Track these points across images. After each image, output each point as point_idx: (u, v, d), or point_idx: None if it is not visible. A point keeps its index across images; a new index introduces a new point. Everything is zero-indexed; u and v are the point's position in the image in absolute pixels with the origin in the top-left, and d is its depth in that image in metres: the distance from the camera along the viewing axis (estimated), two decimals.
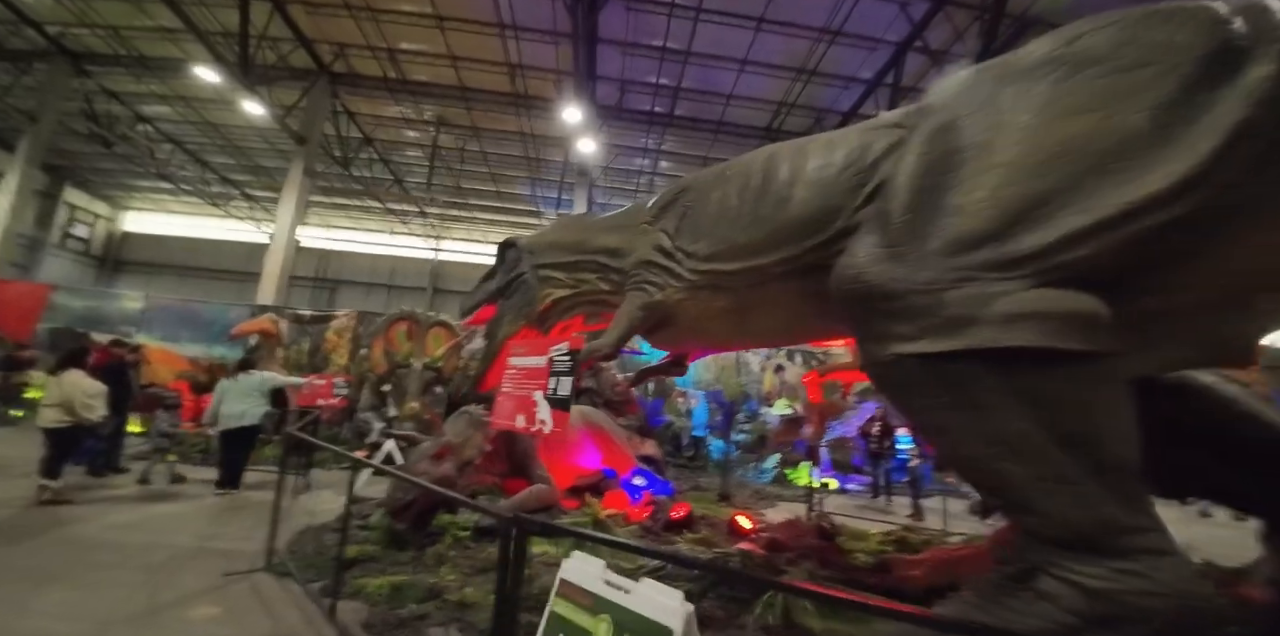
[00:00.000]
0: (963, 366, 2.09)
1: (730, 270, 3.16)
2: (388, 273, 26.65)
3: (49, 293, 14.97)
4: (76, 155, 22.35)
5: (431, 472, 4.65)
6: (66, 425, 5.15)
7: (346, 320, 13.56)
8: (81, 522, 4.65)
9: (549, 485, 5.32)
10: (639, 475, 6.40)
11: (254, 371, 6.66)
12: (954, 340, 2.08)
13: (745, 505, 7.27)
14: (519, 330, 4.51)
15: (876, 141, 2.80)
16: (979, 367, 2.07)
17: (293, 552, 4.24)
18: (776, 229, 2.95)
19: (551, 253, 4.48)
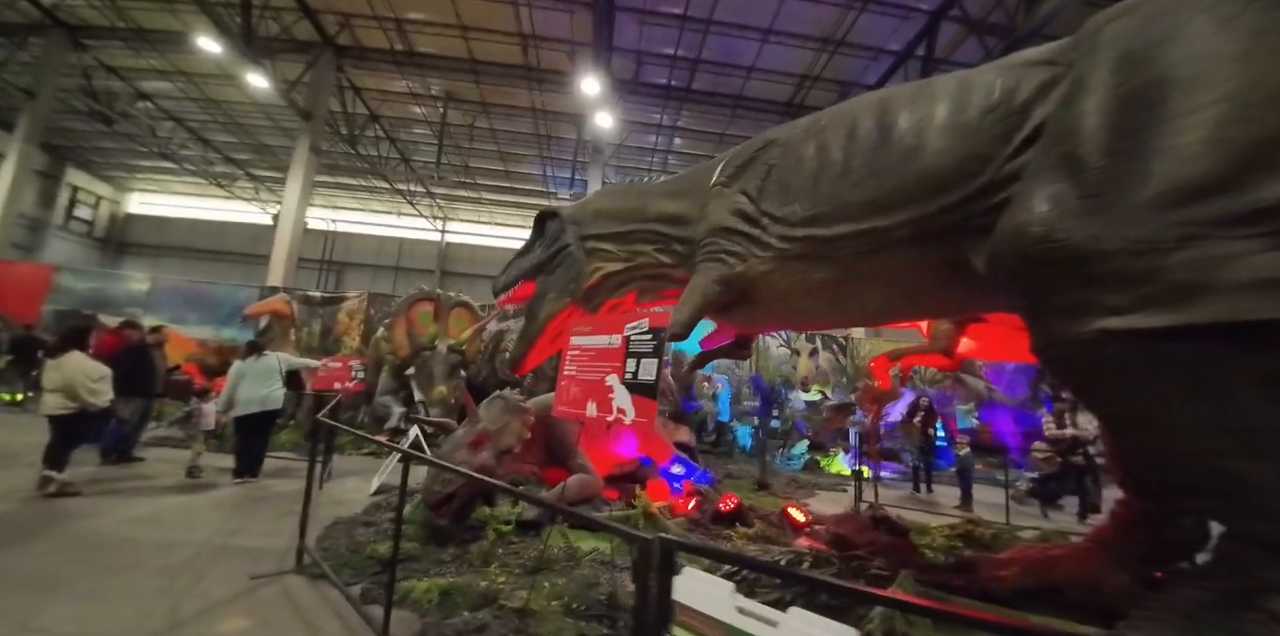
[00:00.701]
0: (1192, 345, 1.64)
1: (835, 235, 2.69)
2: (395, 255, 26.11)
3: (53, 274, 14.52)
4: (77, 134, 21.68)
5: (470, 462, 4.24)
6: (70, 412, 4.72)
7: (358, 302, 13.12)
8: (91, 517, 4.25)
9: (591, 475, 4.92)
10: (677, 463, 6.01)
11: (268, 353, 6.20)
12: (1183, 313, 1.62)
13: (785, 494, 6.90)
14: (564, 309, 4.04)
15: (1024, 81, 2.31)
16: (1214, 347, 1.62)
17: (324, 550, 3.84)
18: (901, 184, 2.47)
19: (600, 222, 3.99)
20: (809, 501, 6.71)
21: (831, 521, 5.21)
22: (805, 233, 2.80)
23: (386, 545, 3.75)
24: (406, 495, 5.56)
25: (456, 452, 4.23)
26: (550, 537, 4.30)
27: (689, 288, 3.19)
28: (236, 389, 5.73)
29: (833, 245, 2.71)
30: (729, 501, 5.12)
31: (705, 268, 3.14)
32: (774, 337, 13.62)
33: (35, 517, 4.14)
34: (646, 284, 3.83)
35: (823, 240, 2.73)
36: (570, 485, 4.71)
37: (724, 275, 3.06)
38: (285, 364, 6.25)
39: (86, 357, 4.87)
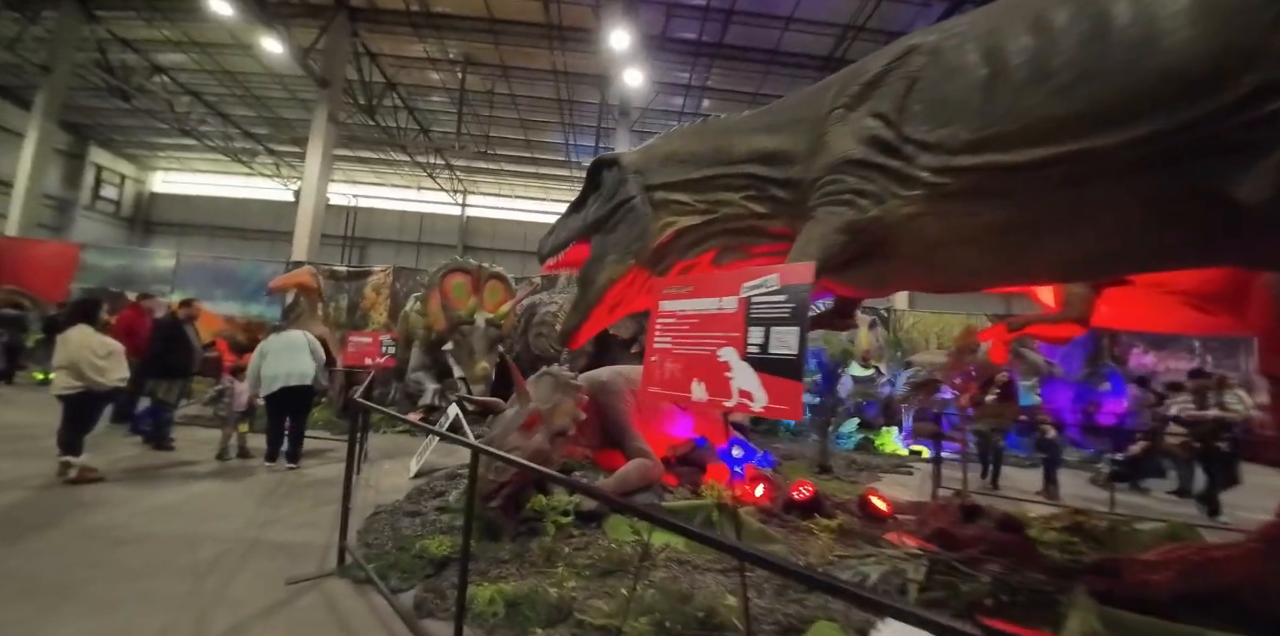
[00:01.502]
0: None
1: (1020, 163, 2.03)
2: (416, 229, 25.64)
3: (79, 252, 14.30)
4: (98, 112, 21.29)
5: (524, 447, 3.74)
6: (77, 391, 4.28)
7: (383, 276, 12.68)
8: (112, 507, 3.85)
9: (651, 459, 4.40)
10: (736, 444, 5.46)
11: (293, 329, 5.75)
12: None
13: (847, 477, 6.34)
14: (626, 273, 3.43)
15: None
16: None
17: (368, 547, 3.38)
18: (1129, 90, 1.80)
19: (670, 169, 3.34)
20: (875, 486, 6.16)
21: (925, 513, 4.66)
22: (972, 161, 2.14)
23: (437, 541, 3.29)
24: (446, 479, 5.14)
25: (508, 436, 3.72)
26: (614, 530, 3.82)
27: (802, 240, 2.55)
28: (260, 367, 5.25)
29: (1015, 176, 2.05)
30: (803, 489, 4.57)
31: (825, 213, 2.50)
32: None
33: (51, 508, 3.74)
34: (730, 240, 3.19)
35: (1002, 170, 2.07)
36: (629, 471, 4.20)
37: (852, 222, 2.41)
38: (312, 340, 5.68)
39: (92, 332, 4.40)
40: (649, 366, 2.30)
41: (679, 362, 2.14)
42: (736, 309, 1.98)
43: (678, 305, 2.22)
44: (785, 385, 1.78)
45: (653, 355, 2.28)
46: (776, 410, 1.79)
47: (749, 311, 1.95)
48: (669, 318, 2.26)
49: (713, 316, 2.05)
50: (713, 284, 2.12)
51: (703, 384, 2.03)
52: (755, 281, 1.96)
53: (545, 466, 4.04)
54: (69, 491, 4.11)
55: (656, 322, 2.31)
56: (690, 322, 2.14)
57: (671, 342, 2.20)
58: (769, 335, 1.86)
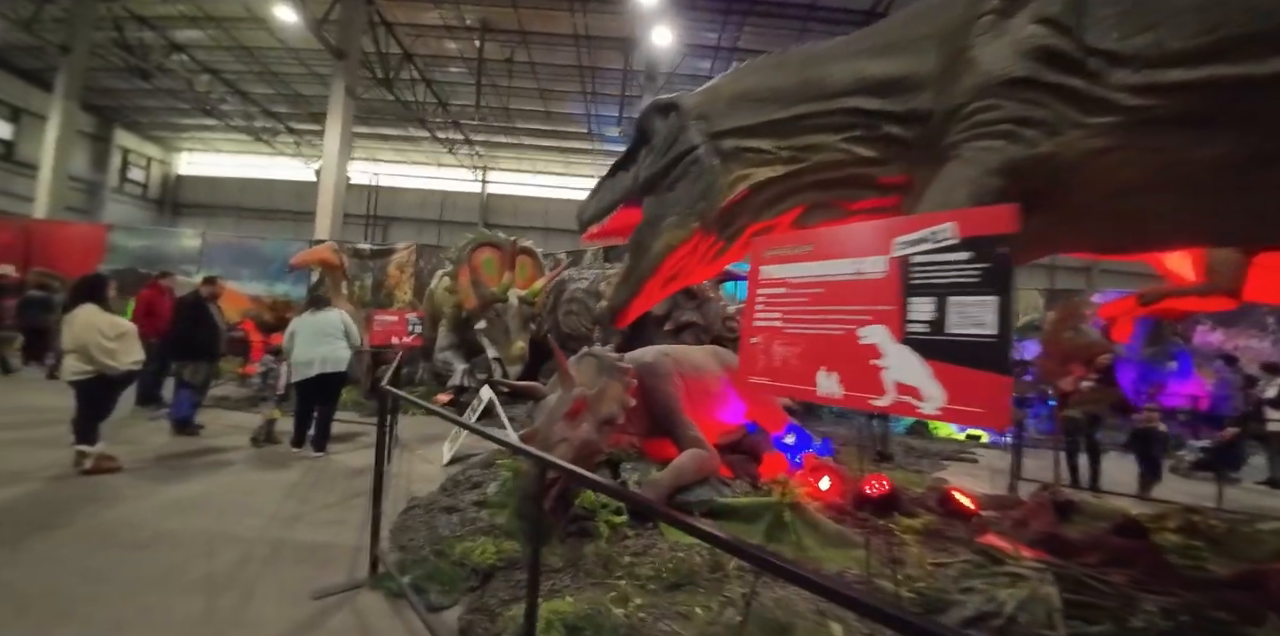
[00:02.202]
0: None
1: (1266, 76, 1.43)
2: (438, 207, 25.19)
3: (106, 233, 14.16)
4: (120, 94, 21.05)
5: (571, 438, 3.28)
6: (88, 376, 3.93)
7: (406, 254, 12.31)
8: (128, 502, 3.51)
9: (706, 449, 3.92)
10: (791, 431, 4.96)
11: (330, 308, 5.23)
12: None
13: (909, 465, 5.81)
14: (688, 238, 2.91)
15: None
16: None
17: (402, 550, 2.99)
18: None
19: (743, 111, 2.76)
20: (940, 475, 5.64)
21: (1014, 509, 4.15)
22: (1190, 76, 1.55)
23: (479, 547, 2.88)
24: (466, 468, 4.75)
25: (555, 426, 3.26)
26: (672, 530, 3.38)
27: (942, 187, 1.98)
28: (291, 349, 4.86)
29: (1259, 94, 1.46)
30: (878, 482, 4.07)
31: (975, 151, 1.92)
32: None
33: (62, 503, 3.41)
34: (821, 195, 2.63)
35: (1236, 86, 1.48)
36: (685, 464, 3.73)
37: (1013, 160, 1.84)
38: (348, 323, 5.20)
39: (99, 312, 4.02)
40: (748, 350, 1.79)
41: (795, 346, 1.62)
42: (886, 272, 1.45)
43: (790, 270, 1.69)
44: (978, 379, 1.25)
45: (753, 335, 1.76)
46: (964, 414, 1.27)
47: (907, 276, 1.41)
48: (776, 287, 1.73)
49: (847, 284, 1.52)
50: (843, 241, 1.58)
51: (834, 375, 1.51)
52: (915, 234, 1.42)
53: (593, 458, 3.61)
54: (84, 483, 3.79)
55: (758, 294, 1.78)
56: (811, 293, 1.61)
57: (782, 319, 1.68)
58: (944, 308, 1.33)
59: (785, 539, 3.31)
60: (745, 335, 1.77)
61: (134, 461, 4.30)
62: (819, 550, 3.27)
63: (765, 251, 1.82)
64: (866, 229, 1.54)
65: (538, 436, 3.17)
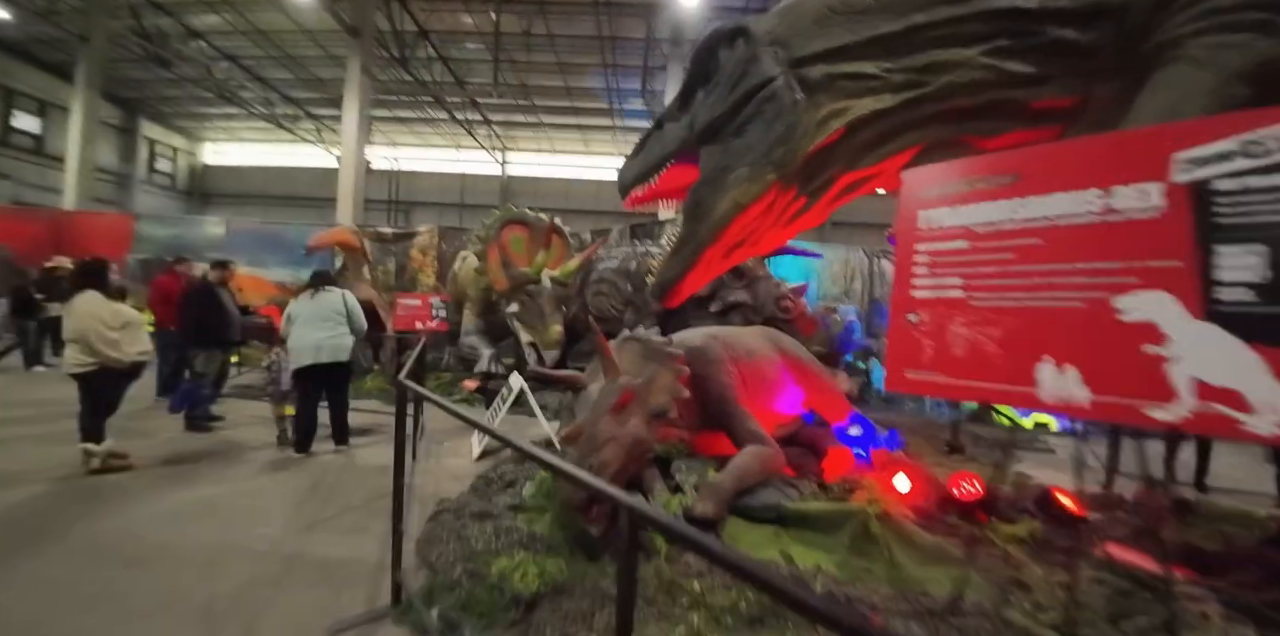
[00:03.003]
0: None
1: None
2: (458, 191, 24.80)
3: (133, 223, 14.09)
4: (143, 84, 20.99)
5: (620, 437, 2.80)
6: (91, 368, 3.58)
7: (428, 237, 11.88)
8: (130, 507, 3.17)
9: (769, 445, 3.42)
10: (855, 422, 4.41)
11: (331, 288, 4.66)
12: None
13: (981, 458, 5.20)
14: (764, 191, 2.36)
15: None
16: None
17: (430, 568, 2.56)
18: None
19: (837, 28, 2.18)
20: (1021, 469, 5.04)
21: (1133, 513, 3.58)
22: None
23: (519, 566, 2.43)
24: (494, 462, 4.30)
25: (601, 424, 2.78)
26: (736, 541, 2.91)
27: (1162, 100, 1.38)
28: (288, 335, 4.40)
29: None
30: (968, 483, 3.52)
31: (1209, 50, 1.33)
32: (890, 260, 11.50)
33: (61, 508, 3.08)
34: (946, 131, 2.05)
35: None
36: (748, 463, 3.23)
37: (1266, 58, 1.25)
38: (352, 304, 4.67)
39: (102, 299, 3.66)
40: (902, 334, 1.26)
41: (993, 326, 1.08)
42: (1164, 209, 0.89)
43: (977, 214, 1.15)
44: None
45: (913, 311, 1.23)
46: None
47: (1208, 212, 0.85)
48: (950, 239, 1.19)
49: (1088, 230, 0.97)
50: (1075, 163, 1.02)
51: (1071, 370, 0.97)
52: (1216, 145, 0.85)
53: (644, 458, 3.15)
54: (88, 486, 3.47)
55: (918, 252, 1.24)
56: (1018, 246, 1.07)
57: (966, 287, 1.14)
58: None
59: (874, 554, 2.81)
60: (896, 309, 1.24)
61: (146, 458, 3.98)
62: (915, 568, 2.76)
63: (925, 189, 1.27)
64: (1117, 142, 0.99)
65: (583, 435, 2.71)
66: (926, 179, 1.27)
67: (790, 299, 5.90)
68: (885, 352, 1.37)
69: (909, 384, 1.26)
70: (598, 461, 2.62)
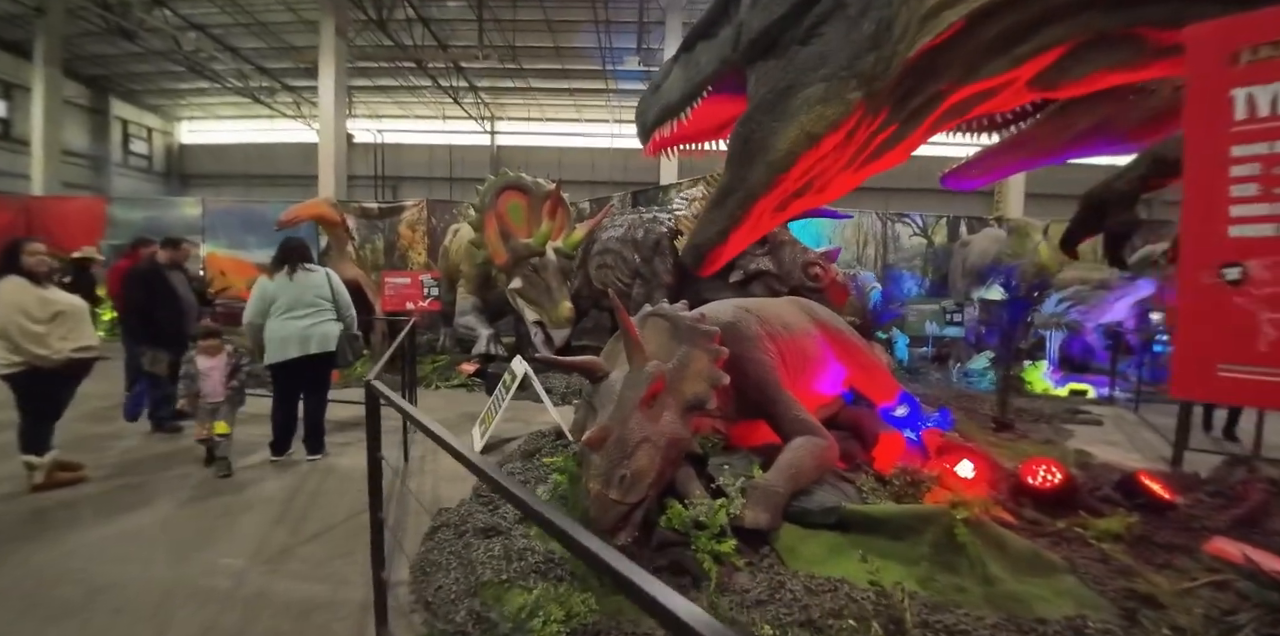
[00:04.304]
0: None
1: None
2: (447, 164, 23.79)
3: (106, 206, 13.31)
4: (109, 60, 19.79)
5: (654, 436, 2.27)
6: (19, 369, 3.01)
7: (416, 211, 11.19)
8: (73, 533, 2.67)
9: (822, 435, 2.90)
10: (903, 401, 3.89)
11: (314, 267, 3.93)
12: None
13: (1031, 435, 4.71)
14: (845, 116, 1.77)
15: None
16: None
17: (427, 607, 2.06)
18: None
19: None
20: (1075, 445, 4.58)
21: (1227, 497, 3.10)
22: None
23: (538, 599, 1.93)
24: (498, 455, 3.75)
25: (629, 422, 2.24)
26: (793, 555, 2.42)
27: None
28: (259, 322, 3.72)
29: None
30: (1045, 471, 3.03)
31: None
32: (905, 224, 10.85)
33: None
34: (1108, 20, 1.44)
35: None
36: (800, 459, 2.71)
37: None
38: (338, 285, 3.96)
39: (27, 285, 3.05)
40: (1205, 303, 0.69)
41: None
42: None
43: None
44: None
45: (1229, 261, 0.66)
46: None
47: None
48: None
49: None
50: None
51: None
52: None
53: (680, 458, 2.64)
54: (28, 505, 2.96)
55: (1231, 159, 0.66)
56: None
57: None
58: None
59: (962, 567, 2.32)
60: (1196, 263, 0.69)
61: (102, 469, 3.47)
62: (1013, 581, 2.28)
63: (1244, 49, 0.70)
64: None
65: (610, 437, 2.17)
66: (1246, 32, 0.68)
67: (820, 265, 5.30)
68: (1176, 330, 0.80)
69: (1220, 386, 0.71)
70: (631, 471, 2.10)
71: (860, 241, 10.64)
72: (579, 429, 2.75)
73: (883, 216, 10.52)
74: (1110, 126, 2.54)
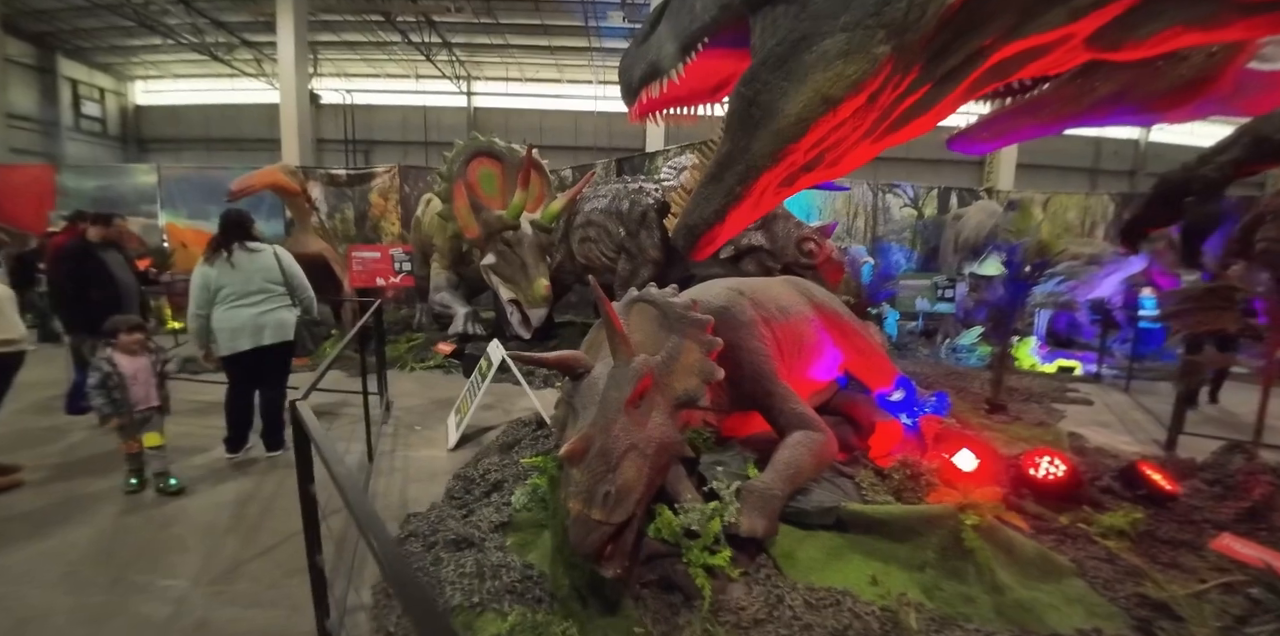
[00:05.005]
0: None
1: None
2: (421, 127, 22.69)
3: (55, 175, 12.41)
4: (52, 15, 18.27)
5: (642, 442, 2.03)
6: None
7: (388, 178, 10.59)
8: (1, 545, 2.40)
9: (820, 429, 2.69)
10: (900, 386, 3.70)
11: (260, 246, 3.49)
12: None
13: (1023, 416, 4.58)
14: (871, 74, 1.46)
15: None
16: None
17: (394, 632, 1.85)
18: None
19: None
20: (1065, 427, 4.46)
21: (1228, 487, 2.98)
22: None
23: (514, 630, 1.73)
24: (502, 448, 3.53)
25: (613, 428, 1.99)
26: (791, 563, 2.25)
27: None
28: (209, 311, 3.32)
29: None
30: (1048, 463, 2.87)
31: None
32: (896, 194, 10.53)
33: None
34: None
35: None
36: (799, 457, 2.51)
37: None
38: (289, 265, 3.54)
39: None
40: None
41: None
42: None
43: None
44: None
45: None
46: None
47: None
48: None
49: None
50: None
51: None
52: None
53: (671, 461, 2.42)
54: None
55: None
56: None
57: None
58: None
59: (969, 574, 2.17)
60: None
61: (42, 471, 3.18)
62: (1021, 587, 2.14)
63: None
64: None
65: (592, 445, 1.93)
66: None
67: (815, 241, 5.01)
68: None
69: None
70: (617, 486, 1.87)
71: (850, 213, 10.33)
72: (559, 427, 2.51)
73: (874, 186, 10.20)
74: (1133, 94, 2.31)
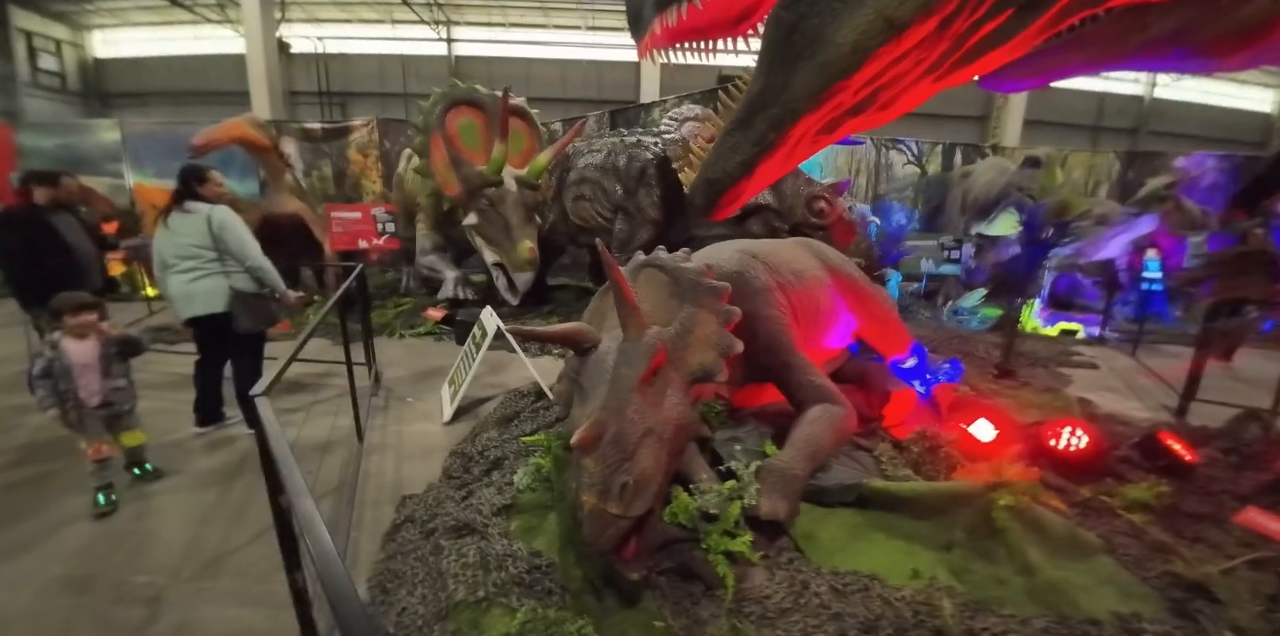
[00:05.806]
0: None
1: None
2: (400, 77, 21.46)
3: (12, 134, 11.58)
4: None
5: (658, 426, 1.84)
6: None
7: (366, 132, 9.97)
8: None
9: (840, 402, 2.52)
10: (914, 353, 3.53)
11: (195, 206, 3.13)
12: None
13: (1032, 381, 4.44)
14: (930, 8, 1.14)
15: None
16: None
17: (394, 631, 1.70)
18: None
19: None
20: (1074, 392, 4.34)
21: (1243, 455, 2.88)
22: None
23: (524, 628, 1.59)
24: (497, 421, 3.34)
25: (626, 411, 1.79)
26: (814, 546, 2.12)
27: None
28: (164, 278, 3.13)
29: None
30: (1070, 434, 2.73)
31: None
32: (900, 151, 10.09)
33: None
34: None
35: None
36: (818, 434, 2.35)
37: None
38: (227, 228, 3.13)
39: None
40: None
41: None
42: None
43: None
44: None
45: None
46: None
47: None
48: None
49: None
50: None
51: None
52: None
53: (687, 443, 2.24)
54: None
55: None
56: None
57: None
58: None
59: (999, 555, 2.05)
60: None
61: (2, 455, 2.96)
62: (1051, 567, 2.02)
63: None
64: None
65: (604, 437, 1.73)
66: None
67: (827, 199, 4.70)
68: None
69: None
70: (634, 476, 1.68)
71: (852, 170, 9.91)
72: (563, 403, 2.30)
73: (878, 142, 9.75)
74: (1189, 34, 2.07)
